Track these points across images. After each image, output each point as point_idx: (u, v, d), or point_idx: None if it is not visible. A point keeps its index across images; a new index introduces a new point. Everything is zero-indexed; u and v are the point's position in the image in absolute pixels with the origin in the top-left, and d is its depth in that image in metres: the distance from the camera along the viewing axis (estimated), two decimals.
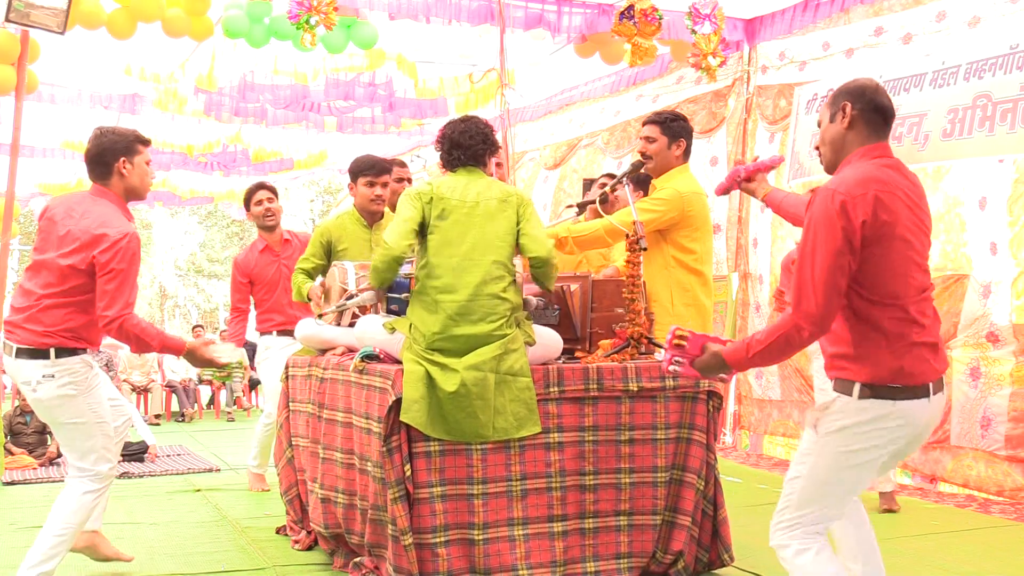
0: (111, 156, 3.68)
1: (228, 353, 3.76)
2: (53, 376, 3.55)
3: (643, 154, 4.29)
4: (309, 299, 4.55)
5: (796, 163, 6.83)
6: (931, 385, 2.53)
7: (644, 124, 4.35)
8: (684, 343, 2.73)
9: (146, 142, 3.81)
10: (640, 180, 4.65)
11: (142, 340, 3.57)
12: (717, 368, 2.68)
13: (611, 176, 4.98)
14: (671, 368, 2.77)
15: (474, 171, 3.73)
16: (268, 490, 5.83)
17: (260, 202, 5.81)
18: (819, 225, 2.49)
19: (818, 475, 2.60)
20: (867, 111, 2.64)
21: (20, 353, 3.56)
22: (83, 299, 3.57)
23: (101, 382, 3.77)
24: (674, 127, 4.26)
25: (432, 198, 3.61)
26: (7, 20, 6.02)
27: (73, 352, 3.59)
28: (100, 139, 3.70)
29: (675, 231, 4.17)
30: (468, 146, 3.71)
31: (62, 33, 6.14)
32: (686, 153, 4.30)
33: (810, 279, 2.48)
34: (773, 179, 7.11)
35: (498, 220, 3.61)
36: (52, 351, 3.55)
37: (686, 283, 4.20)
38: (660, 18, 6.29)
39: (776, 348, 2.56)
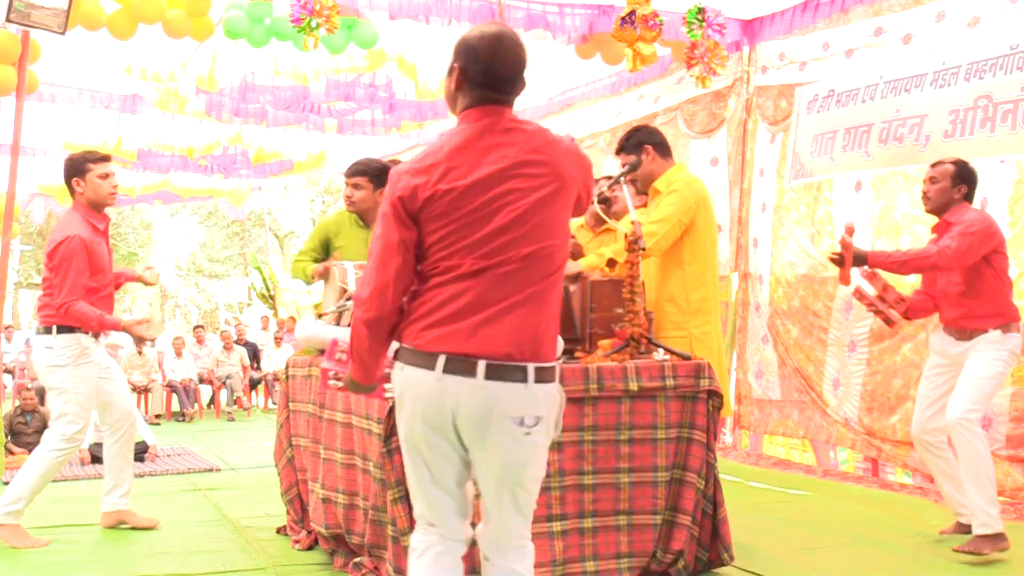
0: (67, 178, 4.66)
1: (156, 330, 4.71)
2: (52, 348, 4.52)
3: (632, 181, 4.35)
4: (313, 278, 4.60)
5: (798, 164, 6.82)
6: (444, 359, 2.26)
7: (616, 154, 4.45)
8: (345, 357, 2.61)
9: (97, 159, 4.68)
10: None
11: (83, 323, 4.52)
12: (353, 385, 2.54)
13: (610, 178, 4.99)
14: (330, 383, 2.79)
15: None
16: None
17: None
18: (383, 206, 2.38)
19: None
20: (474, 73, 2.36)
21: (38, 330, 4.65)
22: None
23: (94, 364, 4.63)
24: (633, 144, 4.33)
25: None
26: (8, 20, 6.02)
27: (70, 330, 4.52)
28: (64, 165, 4.69)
29: (694, 224, 4.20)
30: None
31: (63, 33, 6.13)
32: (660, 151, 4.33)
33: (369, 262, 2.38)
34: (772, 180, 7.14)
35: None
36: (54, 328, 4.53)
37: (700, 277, 4.23)
38: (661, 23, 6.31)
39: (356, 343, 2.41)
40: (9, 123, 6.80)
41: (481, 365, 2.25)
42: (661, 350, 3.89)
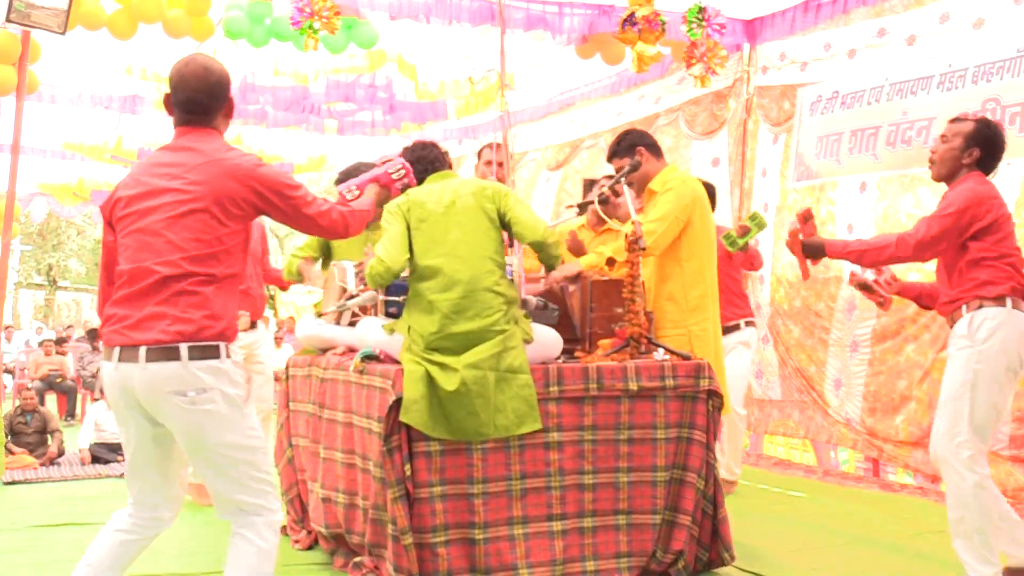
0: None
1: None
2: None
3: (630, 184, 4.34)
4: (299, 274, 4.67)
5: (801, 165, 6.81)
6: (118, 351, 2.65)
7: (609, 160, 4.46)
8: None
9: None
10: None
11: None
12: None
13: (611, 178, 4.99)
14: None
15: (445, 174, 3.83)
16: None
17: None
18: None
19: None
20: (172, 96, 2.83)
21: None
22: None
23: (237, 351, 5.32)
24: (625, 147, 4.33)
25: (410, 206, 3.67)
26: (8, 20, 6.03)
27: None
28: None
29: (691, 221, 4.20)
30: (432, 159, 3.84)
31: (63, 33, 6.14)
32: (653, 152, 4.33)
33: None
34: (775, 181, 7.13)
35: (477, 214, 3.64)
36: None
37: (699, 274, 4.23)
38: (663, 23, 6.31)
39: None
40: (9, 123, 6.81)
41: (142, 351, 2.62)
42: (661, 350, 3.89)
